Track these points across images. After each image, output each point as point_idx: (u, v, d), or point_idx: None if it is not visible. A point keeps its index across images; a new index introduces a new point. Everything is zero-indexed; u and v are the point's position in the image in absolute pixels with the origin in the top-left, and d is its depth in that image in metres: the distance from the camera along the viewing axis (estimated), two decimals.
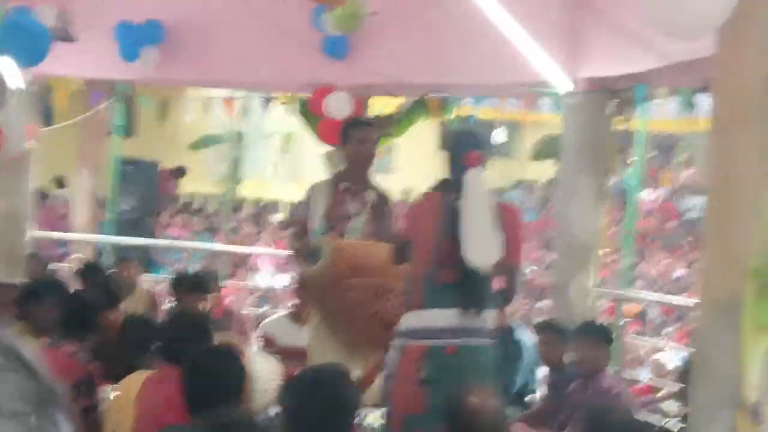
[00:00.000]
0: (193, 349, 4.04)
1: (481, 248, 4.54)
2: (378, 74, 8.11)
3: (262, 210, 17.42)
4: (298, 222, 5.77)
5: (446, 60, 7.68)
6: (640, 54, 6.28)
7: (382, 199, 5.79)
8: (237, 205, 16.46)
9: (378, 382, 5.24)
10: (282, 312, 7.46)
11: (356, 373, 5.11)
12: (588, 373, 5.73)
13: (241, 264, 13.49)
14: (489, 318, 4.77)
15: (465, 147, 4.75)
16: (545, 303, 12.11)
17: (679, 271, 16.96)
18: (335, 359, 4.99)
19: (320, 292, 5.46)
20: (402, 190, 16.29)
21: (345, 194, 5.67)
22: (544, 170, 22.57)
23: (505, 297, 4.94)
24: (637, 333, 11.62)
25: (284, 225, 5.55)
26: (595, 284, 7.25)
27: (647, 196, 20.91)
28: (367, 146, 5.71)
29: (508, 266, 4.77)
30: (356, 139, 5.71)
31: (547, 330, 6.55)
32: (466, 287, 4.63)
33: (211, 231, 16.08)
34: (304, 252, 5.59)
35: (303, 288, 6.17)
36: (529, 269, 16.71)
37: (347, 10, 6.88)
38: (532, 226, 20.89)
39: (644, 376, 9.12)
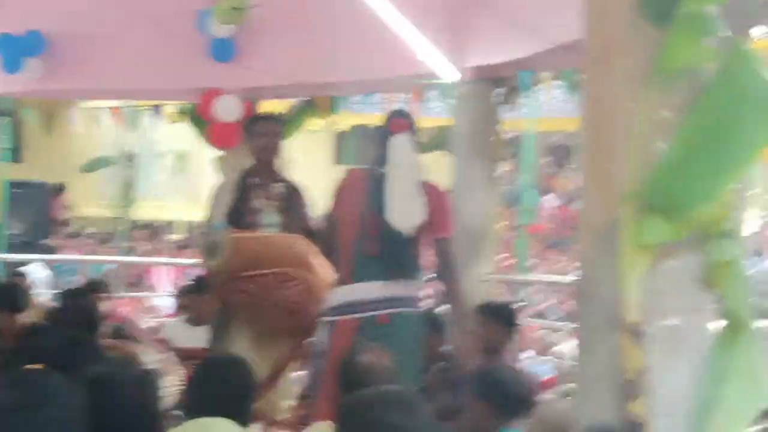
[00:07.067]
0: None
1: (403, 210, 4.62)
2: (266, 76, 8.04)
3: (157, 231, 17.15)
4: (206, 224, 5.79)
5: (333, 57, 7.62)
6: (523, 39, 6.35)
7: (291, 191, 5.80)
8: (130, 227, 16.16)
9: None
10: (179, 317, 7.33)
11: (265, 364, 5.25)
12: (488, 352, 5.64)
13: (137, 284, 13.25)
14: (414, 287, 4.90)
15: (390, 115, 4.99)
16: None
17: (574, 273, 17.06)
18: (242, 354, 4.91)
19: (220, 288, 5.44)
20: None
21: (251, 190, 5.69)
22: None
23: (441, 272, 5.00)
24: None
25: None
26: (491, 270, 7.24)
27: (548, 202, 21.17)
28: (270, 139, 5.77)
29: (437, 241, 4.88)
30: (259, 133, 5.79)
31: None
32: (389, 258, 4.71)
33: (105, 254, 15.71)
34: (204, 248, 5.57)
35: (204, 285, 6.05)
36: None
37: (231, 3, 6.82)
38: None
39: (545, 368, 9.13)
